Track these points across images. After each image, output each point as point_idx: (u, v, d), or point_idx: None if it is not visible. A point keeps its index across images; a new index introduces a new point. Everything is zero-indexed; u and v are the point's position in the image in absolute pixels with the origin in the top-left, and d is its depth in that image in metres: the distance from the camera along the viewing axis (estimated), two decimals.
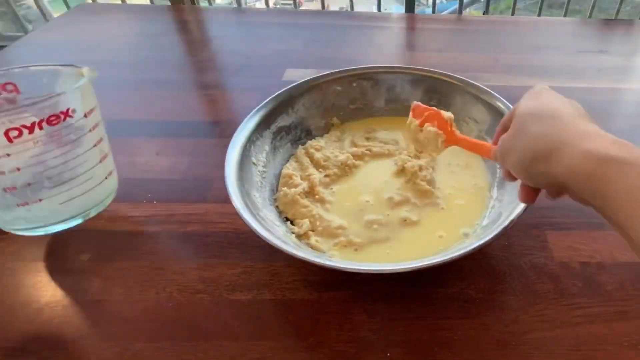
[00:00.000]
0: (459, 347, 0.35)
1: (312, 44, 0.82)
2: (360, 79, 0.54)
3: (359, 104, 0.55)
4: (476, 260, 0.41)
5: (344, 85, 0.54)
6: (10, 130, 0.33)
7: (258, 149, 0.46)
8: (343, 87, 0.54)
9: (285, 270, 0.40)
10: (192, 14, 0.92)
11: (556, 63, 0.77)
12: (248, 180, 0.42)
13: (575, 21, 0.99)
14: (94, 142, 0.40)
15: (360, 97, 0.55)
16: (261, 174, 0.45)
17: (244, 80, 0.70)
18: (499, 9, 7.47)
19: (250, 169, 0.43)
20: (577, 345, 0.35)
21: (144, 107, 0.62)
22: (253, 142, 0.45)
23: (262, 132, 0.47)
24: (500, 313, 0.37)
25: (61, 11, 1.00)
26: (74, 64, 0.40)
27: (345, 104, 0.55)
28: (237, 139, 0.44)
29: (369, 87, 0.55)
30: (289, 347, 0.34)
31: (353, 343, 0.35)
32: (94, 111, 0.39)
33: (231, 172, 0.40)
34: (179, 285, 0.39)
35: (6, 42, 0.96)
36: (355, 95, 0.55)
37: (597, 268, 0.41)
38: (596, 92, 0.69)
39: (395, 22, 0.94)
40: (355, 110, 0.55)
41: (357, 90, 0.55)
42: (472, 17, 1.08)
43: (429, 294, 0.38)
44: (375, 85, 0.55)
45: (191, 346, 0.34)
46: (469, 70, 0.73)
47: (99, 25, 0.86)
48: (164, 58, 0.76)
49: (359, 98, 0.55)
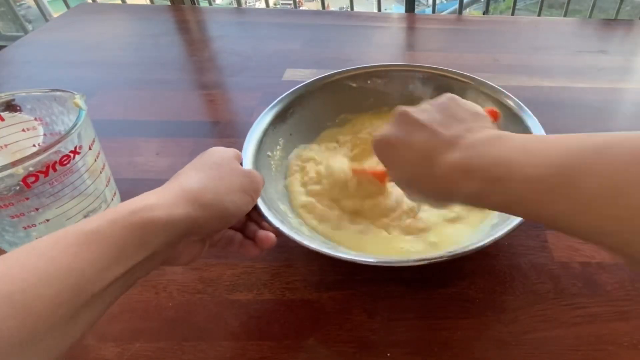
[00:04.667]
0: (459, 347, 0.35)
1: (312, 44, 0.82)
2: (374, 76, 0.54)
3: (372, 100, 0.55)
4: (476, 260, 0.41)
5: (358, 82, 0.54)
6: (28, 177, 0.33)
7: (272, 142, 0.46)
8: (357, 84, 0.54)
9: (285, 270, 0.40)
10: (192, 14, 0.92)
11: (556, 63, 0.77)
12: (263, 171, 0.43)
13: (575, 21, 0.99)
14: (100, 169, 0.41)
15: (373, 93, 0.55)
16: (275, 167, 0.46)
17: (244, 80, 0.70)
18: (499, 9, 7.47)
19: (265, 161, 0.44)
20: (577, 345, 0.35)
21: (144, 107, 0.62)
22: (268, 135, 0.46)
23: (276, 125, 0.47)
24: (500, 313, 0.37)
25: (61, 11, 1.00)
26: (65, 90, 0.40)
27: (359, 100, 0.55)
28: (252, 133, 0.44)
29: (383, 84, 0.55)
30: (289, 347, 0.34)
31: (353, 343, 0.35)
32: (94, 141, 0.40)
33: (247, 164, 0.41)
34: (179, 285, 0.39)
35: (6, 42, 0.96)
36: (368, 92, 0.55)
37: (597, 268, 0.41)
38: (596, 92, 0.69)
39: (395, 22, 0.94)
40: (368, 106, 0.55)
41: (370, 87, 0.55)
42: (472, 17, 1.08)
43: (429, 294, 0.38)
44: (390, 83, 0.55)
45: (191, 346, 0.34)
46: (469, 70, 0.73)
47: (99, 25, 0.86)
48: (164, 58, 0.76)
49: (372, 95, 0.55)
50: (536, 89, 0.69)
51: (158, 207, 0.26)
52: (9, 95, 0.39)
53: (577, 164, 0.20)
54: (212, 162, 0.33)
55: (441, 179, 0.26)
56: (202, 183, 0.30)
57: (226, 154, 0.35)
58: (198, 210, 0.28)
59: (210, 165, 0.32)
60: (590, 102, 0.66)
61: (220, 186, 0.31)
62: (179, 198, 0.28)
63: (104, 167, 0.41)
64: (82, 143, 0.37)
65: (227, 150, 0.36)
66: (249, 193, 0.33)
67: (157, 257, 0.26)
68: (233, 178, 0.32)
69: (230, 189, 0.31)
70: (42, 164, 0.34)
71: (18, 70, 0.70)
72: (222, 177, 0.32)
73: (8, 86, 0.66)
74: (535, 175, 0.21)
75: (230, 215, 0.31)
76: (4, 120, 0.38)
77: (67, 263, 0.22)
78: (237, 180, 0.32)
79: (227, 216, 0.31)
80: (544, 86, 0.70)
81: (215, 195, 0.30)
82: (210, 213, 0.29)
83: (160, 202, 0.27)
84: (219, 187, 0.30)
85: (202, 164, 0.32)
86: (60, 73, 0.69)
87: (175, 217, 0.26)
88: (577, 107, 0.64)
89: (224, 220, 0.31)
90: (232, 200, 0.31)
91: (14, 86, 0.65)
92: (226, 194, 0.31)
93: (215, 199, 0.30)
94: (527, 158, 0.22)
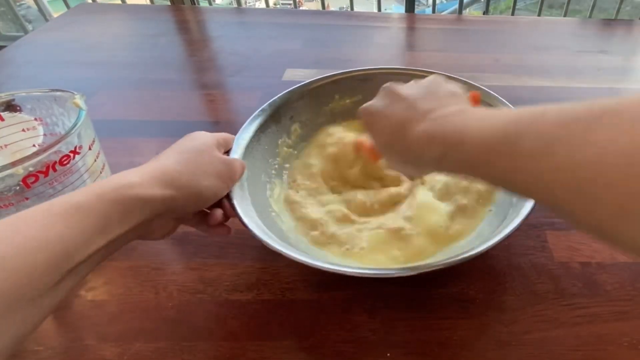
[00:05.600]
0: (459, 347, 0.35)
1: (311, 44, 0.82)
2: (360, 80, 0.54)
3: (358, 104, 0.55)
4: (476, 260, 0.41)
5: (342, 85, 0.53)
6: (27, 177, 0.34)
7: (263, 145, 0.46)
8: (341, 87, 0.54)
9: (285, 270, 0.40)
10: (192, 14, 0.92)
11: (556, 63, 0.77)
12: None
13: (575, 21, 0.99)
14: (100, 169, 0.41)
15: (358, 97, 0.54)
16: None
17: (244, 80, 0.70)
18: (499, 9, 7.47)
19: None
20: (577, 346, 0.35)
21: (144, 107, 0.62)
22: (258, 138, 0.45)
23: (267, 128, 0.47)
24: (500, 313, 0.37)
25: (61, 11, 1.00)
26: (65, 90, 0.40)
27: (344, 105, 0.54)
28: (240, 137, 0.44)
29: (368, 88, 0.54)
30: (289, 347, 0.34)
31: (353, 343, 0.35)
32: (94, 141, 0.40)
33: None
34: (179, 285, 0.39)
35: (6, 42, 0.96)
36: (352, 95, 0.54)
37: (597, 268, 0.41)
38: (596, 92, 0.69)
39: (395, 22, 0.94)
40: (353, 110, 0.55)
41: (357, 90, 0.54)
42: (472, 17, 1.08)
43: (429, 294, 0.38)
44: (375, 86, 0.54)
45: (191, 346, 0.34)
46: (469, 70, 0.73)
47: (99, 25, 0.86)
48: (164, 58, 0.76)
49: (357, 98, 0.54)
50: (536, 89, 0.69)
51: (138, 185, 0.28)
52: (9, 95, 0.39)
53: (517, 127, 0.22)
54: (193, 146, 0.35)
55: (411, 146, 0.29)
56: (180, 166, 0.32)
57: (208, 140, 0.36)
58: (174, 192, 0.30)
59: (190, 149, 0.34)
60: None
61: (197, 171, 0.33)
62: (157, 179, 0.30)
63: (104, 167, 0.41)
64: (82, 143, 0.37)
65: (210, 136, 0.37)
66: (225, 180, 0.35)
67: (135, 231, 0.29)
68: (211, 164, 0.34)
69: (206, 173, 0.33)
70: (42, 164, 0.34)
71: (18, 70, 0.70)
72: (201, 162, 0.34)
73: (8, 86, 0.66)
74: (482, 138, 0.24)
75: (205, 198, 0.34)
76: (4, 120, 0.38)
77: (57, 231, 0.24)
78: (214, 167, 0.34)
79: (202, 199, 0.33)
80: (544, 86, 0.70)
81: (191, 179, 0.32)
82: (186, 195, 0.31)
83: (140, 181, 0.29)
84: (195, 172, 0.33)
85: (184, 148, 0.34)
86: (60, 73, 0.70)
87: (153, 196, 0.29)
88: None
89: (198, 203, 0.33)
90: (207, 185, 0.33)
91: (14, 86, 0.65)
92: (202, 178, 0.33)
93: (191, 182, 0.32)
94: (478, 124, 0.25)
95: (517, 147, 0.21)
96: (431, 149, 0.27)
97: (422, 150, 0.28)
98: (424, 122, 0.29)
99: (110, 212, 0.26)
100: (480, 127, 0.24)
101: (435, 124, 0.28)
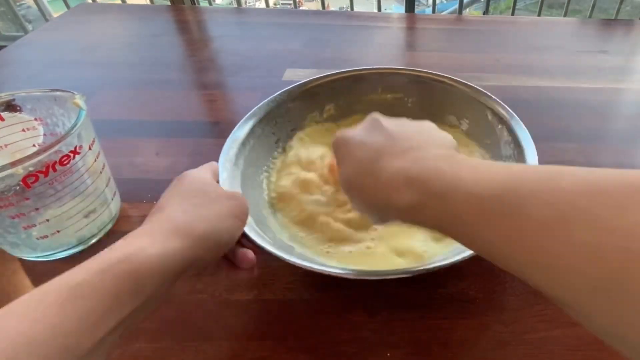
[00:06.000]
0: (459, 347, 0.35)
1: (311, 44, 0.82)
2: (356, 80, 0.54)
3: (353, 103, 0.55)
4: (476, 260, 0.41)
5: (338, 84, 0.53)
6: (27, 177, 0.33)
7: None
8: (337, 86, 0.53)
9: (285, 270, 0.40)
10: (192, 14, 0.92)
11: (556, 63, 0.77)
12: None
13: (575, 21, 0.99)
14: (100, 169, 0.41)
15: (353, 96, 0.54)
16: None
17: (244, 80, 0.70)
18: (499, 9, 7.47)
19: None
20: (577, 346, 0.35)
21: (144, 107, 0.62)
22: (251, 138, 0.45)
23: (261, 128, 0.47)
24: (500, 313, 0.37)
25: (61, 11, 1.00)
26: (65, 90, 0.39)
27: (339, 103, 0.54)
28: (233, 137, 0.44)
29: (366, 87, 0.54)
30: (289, 347, 0.34)
31: (353, 343, 0.35)
32: (94, 141, 0.40)
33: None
34: (179, 285, 0.38)
35: (6, 42, 0.96)
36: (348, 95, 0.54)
37: None
38: (596, 92, 0.69)
39: (395, 22, 0.94)
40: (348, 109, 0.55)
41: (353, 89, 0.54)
42: (472, 17, 1.08)
43: (429, 294, 0.38)
44: (371, 86, 0.54)
45: (191, 346, 0.34)
46: (469, 70, 0.73)
47: (99, 25, 0.86)
48: (164, 58, 0.76)
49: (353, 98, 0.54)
50: (536, 89, 0.69)
51: (150, 247, 0.24)
52: (9, 95, 0.39)
53: (526, 188, 0.18)
54: (195, 188, 0.31)
55: (383, 184, 0.25)
56: (191, 214, 0.28)
57: (206, 177, 0.33)
58: (192, 244, 0.26)
59: (193, 192, 0.30)
60: (590, 102, 0.66)
61: (211, 215, 0.29)
62: (170, 233, 0.26)
63: (104, 167, 0.41)
64: (82, 143, 0.37)
65: (204, 172, 0.34)
66: (239, 217, 0.31)
67: (151, 302, 0.25)
68: (221, 204, 0.30)
69: (221, 216, 0.29)
70: (42, 164, 0.34)
71: (18, 70, 0.70)
72: (210, 204, 0.30)
73: (8, 86, 0.66)
74: (477, 193, 0.20)
75: (224, 243, 0.30)
76: (4, 120, 0.38)
77: (51, 324, 0.20)
78: (225, 206, 0.30)
79: (222, 245, 0.30)
80: (544, 86, 0.70)
81: (207, 225, 0.28)
82: (205, 244, 0.27)
83: (152, 241, 0.25)
84: (209, 216, 0.29)
85: (185, 193, 0.30)
86: (60, 73, 0.69)
87: (169, 254, 0.25)
88: (577, 107, 0.64)
89: (220, 250, 0.30)
90: (225, 227, 0.29)
91: (14, 86, 0.65)
92: (218, 222, 0.29)
93: (208, 229, 0.28)
94: (472, 175, 0.21)
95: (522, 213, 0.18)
96: (405, 193, 0.24)
97: (394, 193, 0.24)
98: (403, 160, 0.25)
99: (118, 288, 0.22)
100: (475, 179, 0.21)
101: (417, 165, 0.24)
